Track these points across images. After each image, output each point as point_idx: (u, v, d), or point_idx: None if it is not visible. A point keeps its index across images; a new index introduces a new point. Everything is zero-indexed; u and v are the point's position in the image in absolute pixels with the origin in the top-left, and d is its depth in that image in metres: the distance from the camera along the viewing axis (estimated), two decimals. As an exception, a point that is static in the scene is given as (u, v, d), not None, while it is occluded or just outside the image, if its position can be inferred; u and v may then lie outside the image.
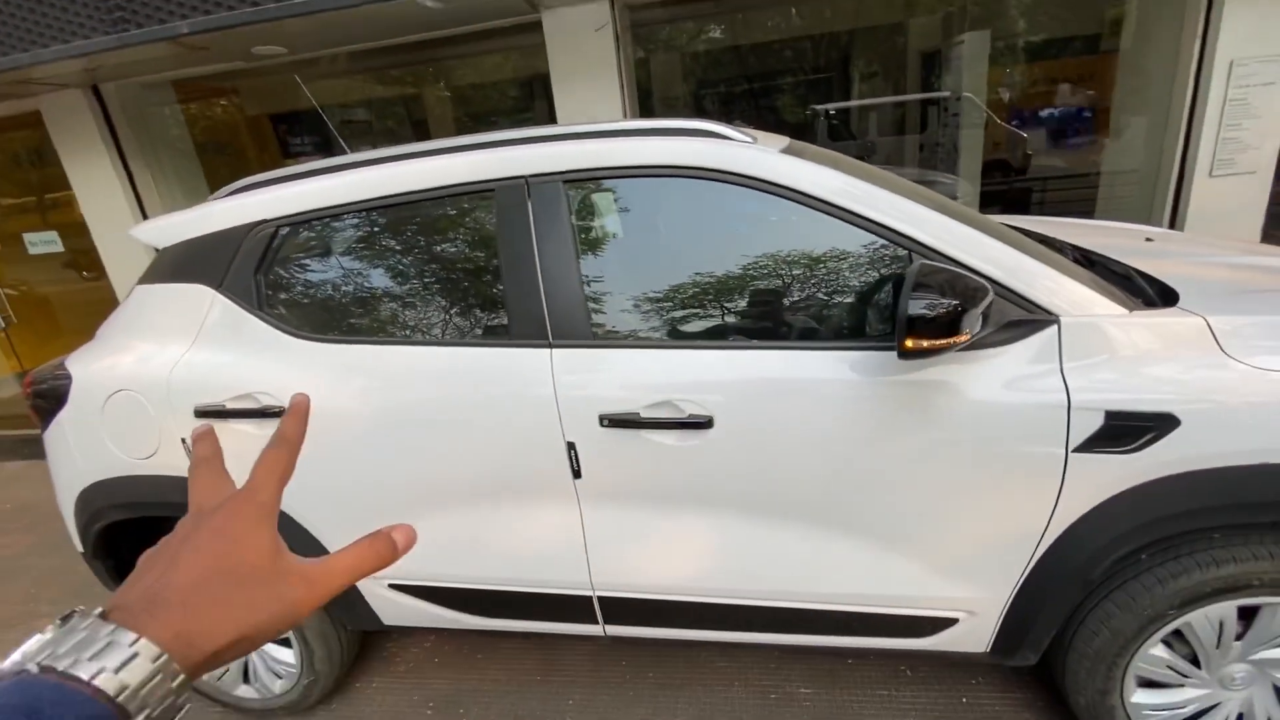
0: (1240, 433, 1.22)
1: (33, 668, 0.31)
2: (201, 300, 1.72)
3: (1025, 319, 1.32)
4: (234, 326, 1.70)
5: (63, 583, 3.04)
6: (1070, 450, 1.29)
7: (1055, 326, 1.30)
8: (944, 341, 1.17)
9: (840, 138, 6.48)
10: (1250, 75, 3.02)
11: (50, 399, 1.86)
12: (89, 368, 1.80)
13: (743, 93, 6.76)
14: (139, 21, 2.98)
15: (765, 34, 6.31)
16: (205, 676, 1.97)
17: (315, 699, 2.02)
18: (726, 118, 6.66)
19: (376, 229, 1.66)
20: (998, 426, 1.32)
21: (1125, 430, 1.26)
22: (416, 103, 6.32)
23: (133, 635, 0.32)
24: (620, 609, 1.68)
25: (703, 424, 1.43)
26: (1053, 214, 5.24)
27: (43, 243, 4.76)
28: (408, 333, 1.63)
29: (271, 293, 1.70)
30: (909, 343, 1.17)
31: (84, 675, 0.31)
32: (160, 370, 1.71)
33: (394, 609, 1.83)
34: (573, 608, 1.70)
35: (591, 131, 1.56)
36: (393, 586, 1.78)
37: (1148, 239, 2.03)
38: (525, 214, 1.53)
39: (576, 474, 1.54)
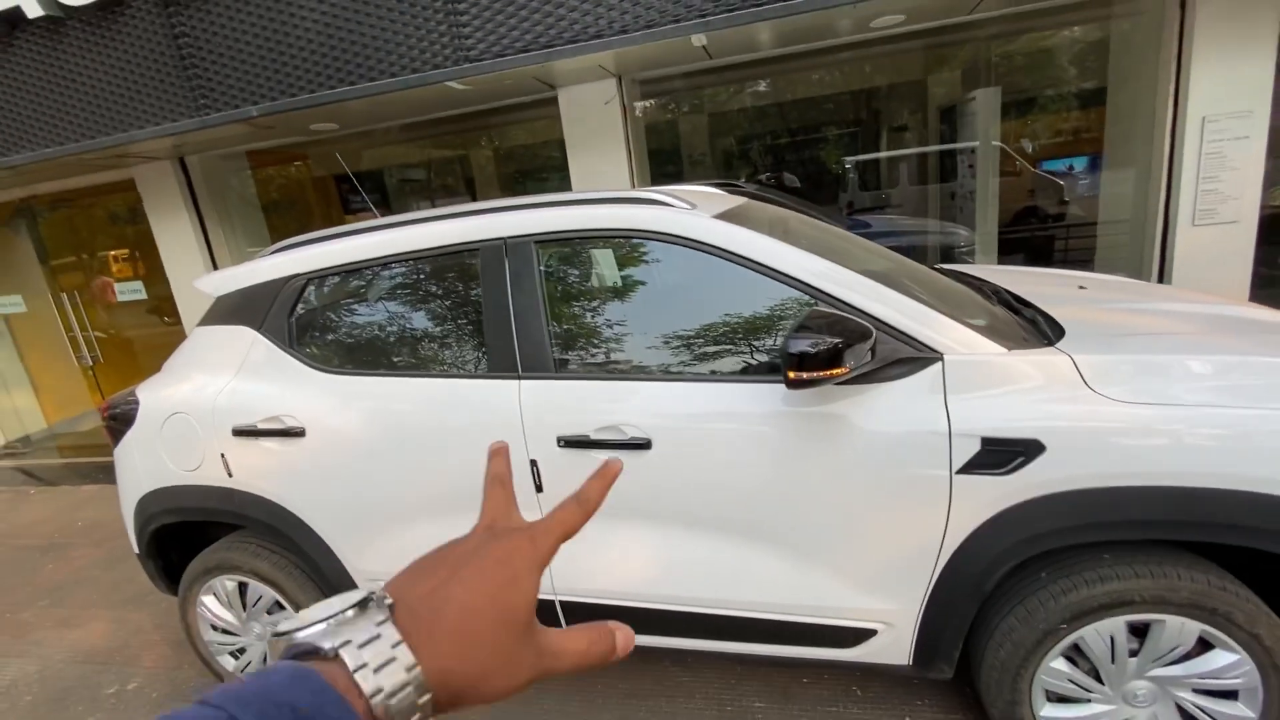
0: (1099, 457, 1.38)
1: (326, 645, 0.33)
2: (245, 339, 2.09)
3: (913, 356, 1.52)
4: (269, 361, 2.05)
5: (121, 590, 3.41)
6: (954, 472, 1.47)
7: (940, 363, 1.50)
8: (824, 374, 1.39)
9: (868, 189, 6.74)
10: (1223, 130, 3.16)
11: (122, 421, 2.24)
12: (154, 394, 2.18)
13: (769, 148, 7.13)
14: (217, 107, 3.54)
15: (782, 94, 6.68)
16: (232, 665, 2.24)
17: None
18: (750, 173, 7.01)
19: (383, 281, 2.00)
20: (891, 451, 1.51)
21: (999, 455, 1.44)
22: (463, 163, 6.95)
23: (411, 660, 0.33)
24: (580, 612, 1.88)
25: (642, 445, 1.67)
26: (1059, 262, 5.31)
27: (130, 291, 5.42)
28: (405, 366, 1.94)
29: (299, 333, 2.05)
30: (792, 374, 1.39)
31: (351, 664, 0.32)
32: (208, 397, 2.07)
33: (389, 610, 2.08)
34: (538, 612, 1.91)
35: (559, 201, 1.87)
36: (388, 588, 2.04)
37: (1080, 286, 2.19)
38: (503, 269, 1.84)
39: (539, 488, 1.79)
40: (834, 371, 1.39)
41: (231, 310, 2.14)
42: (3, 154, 3.99)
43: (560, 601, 1.88)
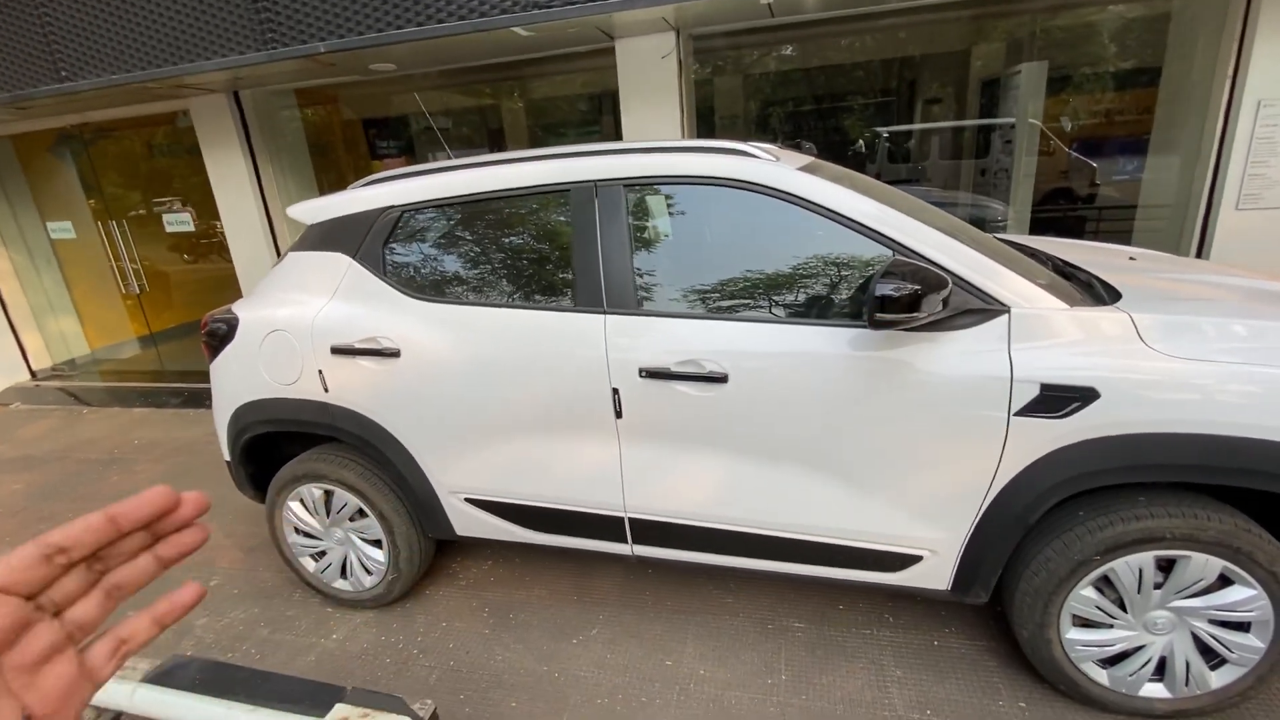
0: (1148, 406, 1.52)
1: None
2: (340, 265, 2.23)
3: (982, 308, 1.65)
4: (364, 287, 2.20)
5: (189, 502, 3.64)
6: (1011, 414, 1.62)
7: (1006, 315, 1.64)
8: (905, 316, 1.52)
9: (897, 160, 6.73)
10: (1277, 115, 3.20)
11: (219, 337, 2.40)
12: (252, 313, 2.34)
13: (805, 113, 7.09)
14: (284, 41, 3.61)
15: (826, 58, 6.63)
16: (312, 566, 2.47)
17: (396, 595, 2.49)
18: (790, 137, 7.00)
19: (476, 216, 2.13)
20: (954, 394, 1.65)
21: (1056, 400, 1.58)
22: (494, 113, 6.96)
23: None
24: (647, 531, 2.07)
25: (719, 379, 1.82)
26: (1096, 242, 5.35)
27: (179, 222, 5.56)
28: (495, 297, 2.08)
29: (394, 262, 2.19)
30: (877, 315, 1.53)
31: None
32: (307, 317, 2.22)
33: (468, 520, 2.28)
34: (609, 527, 2.10)
35: (647, 147, 1.98)
36: (469, 500, 2.23)
37: (1130, 258, 2.30)
38: (593, 210, 1.96)
39: (619, 414, 1.95)
40: (914, 315, 1.53)
41: (326, 237, 2.28)
42: (70, 79, 4.08)
43: (630, 519, 2.06)
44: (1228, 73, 3.33)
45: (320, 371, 2.21)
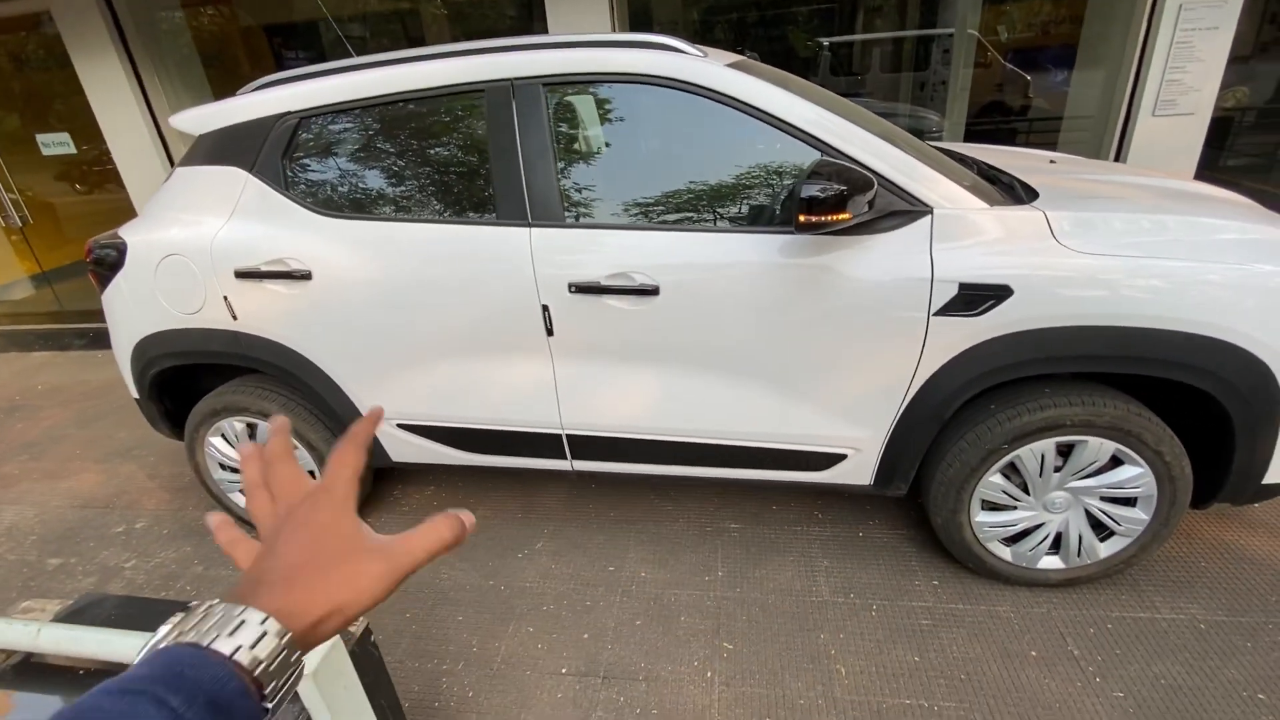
0: (1058, 301, 1.59)
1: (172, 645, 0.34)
2: (236, 181, 2.04)
3: (907, 209, 1.66)
4: (265, 204, 2.02)
5: (102, 446, 3.45)
6: (931, 314, 1.66)
7: (929, 216, 1.65)
8: (830, 218, 1.51)
9: (839, 73, 6.58)
10: (1197, 19, 3.25)
11: (107, 265, 2.19)
12: (142, 237, 2.13)
13: (745, 22, 6.78)
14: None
15: (762, -40, 6.29)
16: (243, 501, 2.40)
17: (334, 524, 2.45)
18: (730, 47, 6.70)
19: (384, 122, 1.96)
20: (878, 297, 1.68)
21: (973, 298, 1.62)
22: (414, 18, 6.36)
23: (262, 614, 0.36)
24: (584, 446, 2.08)
25: (650, 291, 1.79)
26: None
27: (55, 144, 4.96)
28: (411, 212, 1.95)
29: (295, 175, 2.01)
30: (801, 218, 1.51)
31: (225, 650, 0.34)
32: (204, 238, 2.04)
33: (402, 446, 2.23)
34: (547, 445, 2.10)
35: (567, 41, 1.84)
36: (401, 426, 2.18)
37: (1051, 160, 2.34)
38: (510, 112, 1.83)
39: (550, 332, 1.90)
40: (839, 216, 1.51)
41: (217, 150, 2.07)
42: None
43: (567, 435, 2.06)
44: (1153, -25, 3.33)
45: (226, 298, 2.06)
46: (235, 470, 2.41)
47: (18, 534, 2.79)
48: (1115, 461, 1.77)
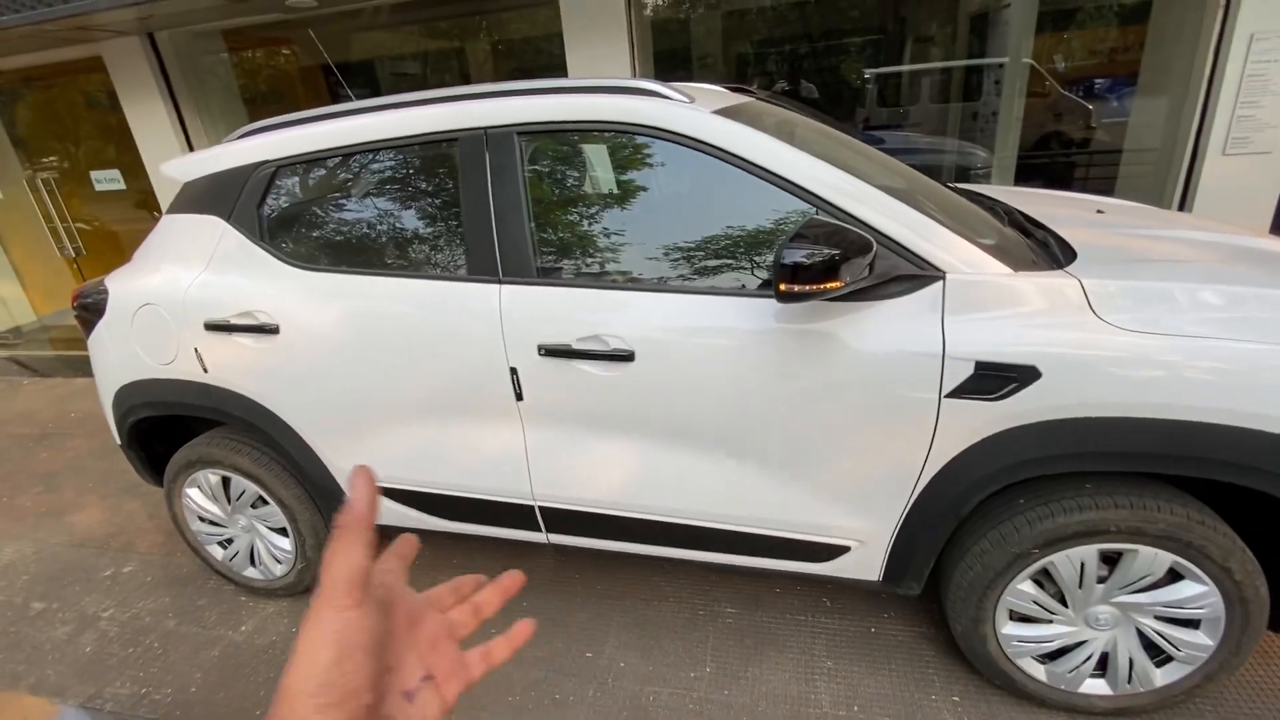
0: (1096, 386, 1.33)
1: None
2: (214, 230, 1.98)
3: (914, 274, 1.44)
4: (240, 253, 1.95)
5: (115, 480, 3.46)
6: (943, 396, 1.42)
7: (941, 282, 1.42)
8: (817, 287, 1.31)
9: (886, 104, 6.35)
10: (1271, 50, 2.92)
11: (92, 311, 2.17)
12: (123, 284, 2.10)
13: (778, 55, 6.66)
14: (183, -26, 3.23)
15: (798, -6, 6.17)
16: (220, 555, 2.31)
17: (309, 583, 2.33)
18: (765, 83, 6.59)
19: (357, 172, 1.87)
20: (882, 372, 1.45)
21: (992, 379, 1.38)
22: (462, 57, 6.49)
23: None
24: (559, 519, 1.90)
25: (624, 357, 1.61)
26: (1082, 190, 5.14)
27: (107, 180, 5.20)
28: (380, 264, 1.84)
29: (270, 225, 1.94)
30: (783, 286, 1.31)
31: None
32: (179, 288, 1.98)
33: (371, 509, 2.10)
34: (519, 516, 1.93)
35: (544, 88, 1.71)
36: (368, 488, 2.04)
37: (1099, 210, 2.07)
38: (483, 162, 1.71)
39: (519, 396, 1.74)
40: (828, 285, 1.31)
41: (200, 198, 2.02)
42: (-48, 20, 3.68)
43: (540, 507, 1.89)
44: (1219, 2, 3.02)
45: (196, 349, 1.99)
46: (213, 524, 2.32)
47: (13, 572, 2.79)
48: (1174, 575, 1.48)
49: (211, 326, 1.94)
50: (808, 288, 1.31)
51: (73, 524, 3.10)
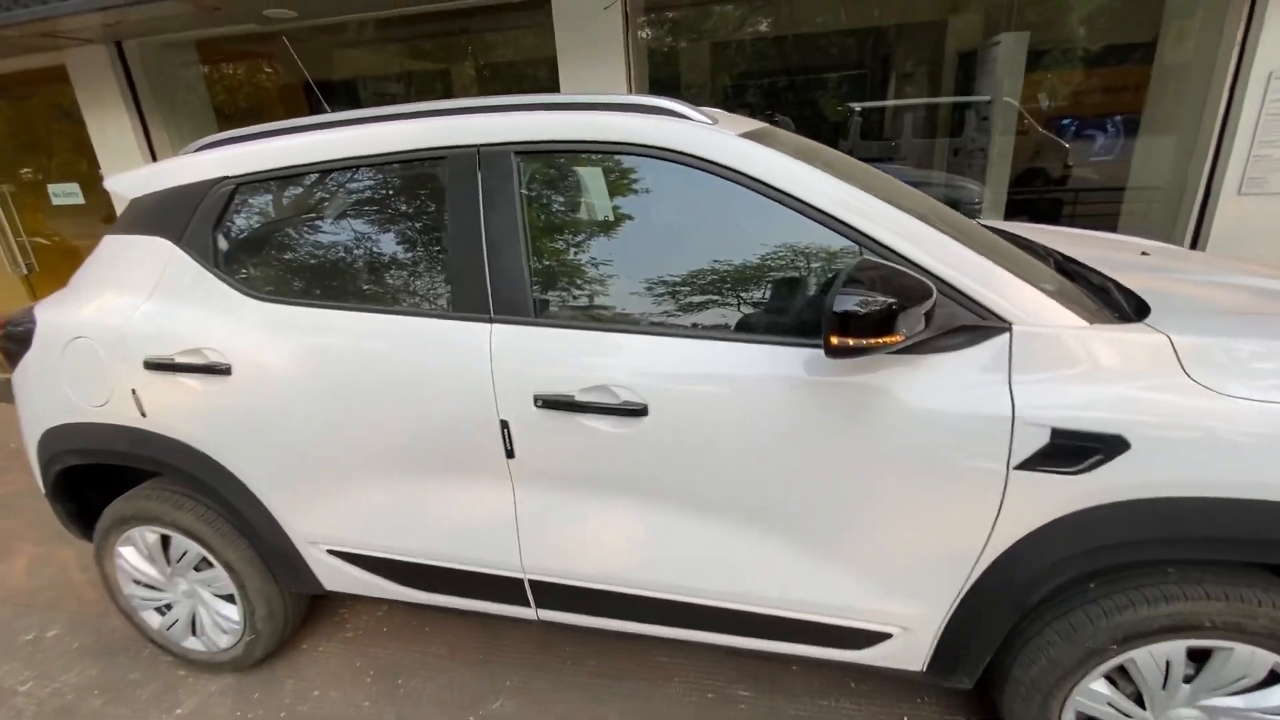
0: (1196, 462, 1.14)
1: None
2: (161, 253, 1.73)
3: (976, 324, 1.25)
4: (189, 281, 1.70)
5: (50, 522, 3.10)
6: (1012, 467, 1.22)
7: (1007, 335, 1.23)
8: (873, 341, 1.10)
9: (869, 138, 6.32)
10: (1290, 90, 2.85)
11: (18, 341, 1.89)
12: (54, 314, 1.83)
13: (774, 87, 6.62)
14: (151, -23, 3.02)
15: (790, 26, 6.16)
16: (157, 622, 1.99)
17: (258, 657, 2.03)
18: (750, 112, 6.53)
19: (329, 192, 1.64)
20: (938, 436, 1.25)
21: (1071, 450, 1.18)
22: (446, 78, 6.33)
23: None
24: (551, 593, 1.65)
25: (637, 411, 1.39)
26: (1078, 227, 5.07)
27: (65, 194, 4.88)
28: (353, 298, 1.61)
29: (227, 250, 1.70)
30: (834, 339, 1.10)
31: None
32: (116, 320, 1.72)
33: (334, 575, 1.83)
34: (505, 588, 1.68)
35: (547, 103, 1.51)
36: (331, 553, 1.78)
37: (1143, 253, 1.91)
38: (474, 184, 1.49)
39: (510, 453, 1.51)
40: (886, 340, 1.11)
41: (147, 217, 1.77)
42: (-102, 20, 3.41)
43: (530, 580, 1.64)
44: (1235, 41, 2.96)
45: (134, 391, 1.72)
46: (150, 587, 2.02)
47: (-82, 636, 2.43)
48: (1274, 677, 1.27)
49: (153, 365, 1.68)
50: (865, 341, 1.10)
51: (-3, 576, 2.75)
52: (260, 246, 1.69)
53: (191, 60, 4.61)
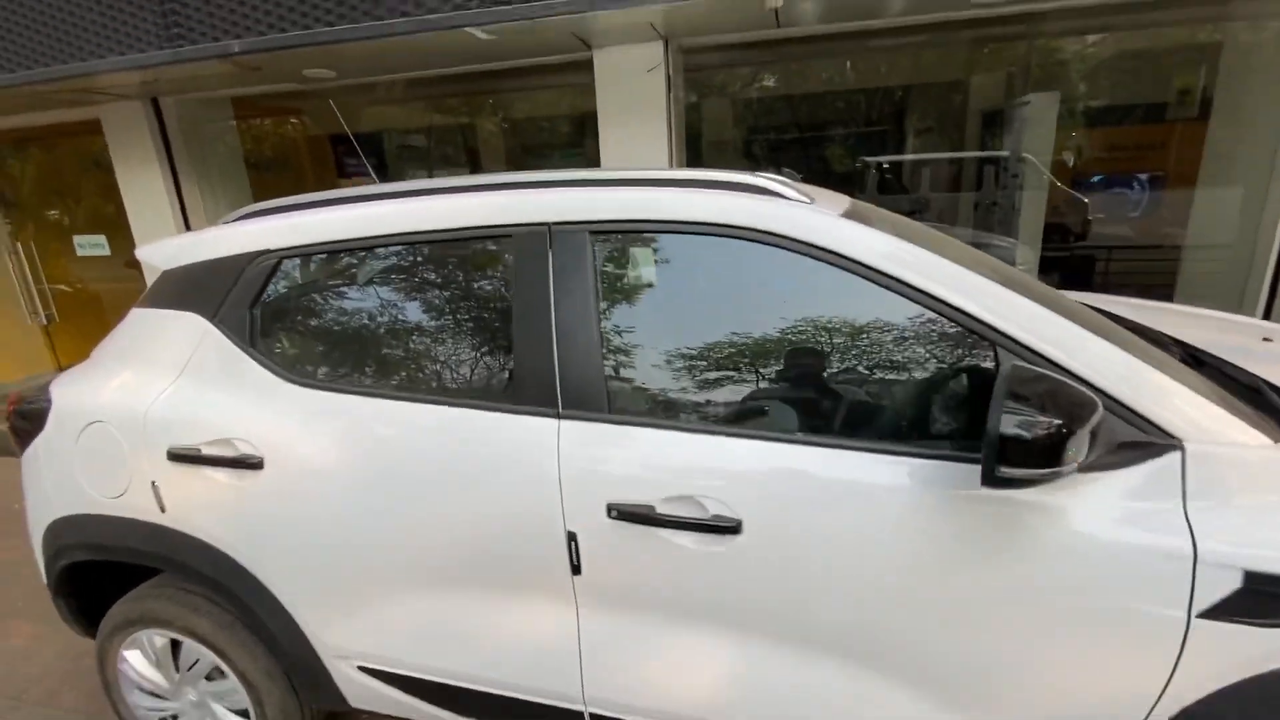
0: None
1: None
2: (193, 330, 1.59)
3: (1139, 441, 1.07)
4: (222, 362, 1.55)
5: (44, 598, 2.91)
6: (1194, 615, 1.02)
7: (1178, 454, 1.05)
8: (1044, 471, 0.92)
9: (890, 191, 6.30)
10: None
11: (31, 420, 1.74)
12: (71, 393, 1.68)
13: (792, 141, 6.65)
14: (194, 39, 3.00)
15: (819, 84, 6.20)
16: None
17: (271, 779, 1.80)
18: (775, 165, 6.53)
19: (378, 269, 1.51)
20: (1098, 572, 1.05)
21: (1271, 597, 0.98)
22: (471, 132, 6.39)
23: None
24: (616, 730, 1.43)
25: (729, 528, 1.20)
26: (1119, 289, 4.93)
27: (90, 245, 4.85)
28: (403, 386, 1.45)
29: (266, 330, 1.55)
30: (1005, 471, 0.93)
31: None
32: (139, 403, 1.57)
33: (363, 692, 1.61)
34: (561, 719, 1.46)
35: (627, 179, 1.38)
36: (363, 669, 1.57)
37: (1265, 339, 1.74)
38: (545, 265, 1.35)
39: (576, 569, 1.32)
40: (1060, 469, 0.93)
41: (179, 291, 1.64)
42: (-57, 77, 3.41)
43: (591, 715, 1.42)
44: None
45: (154, 483, 1.55)
46: (155, 695, 1.81)
47: (-105, 735, 2.21)
48: None
49: (177, 456, 1.52)
50: (1032, 472, 0.92)
51: (-11, 656, 2.54)
52: (302, 327, 1.55)
53: (227, 116, 4.63)
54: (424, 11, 2.68)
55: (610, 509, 1.26)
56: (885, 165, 6.38)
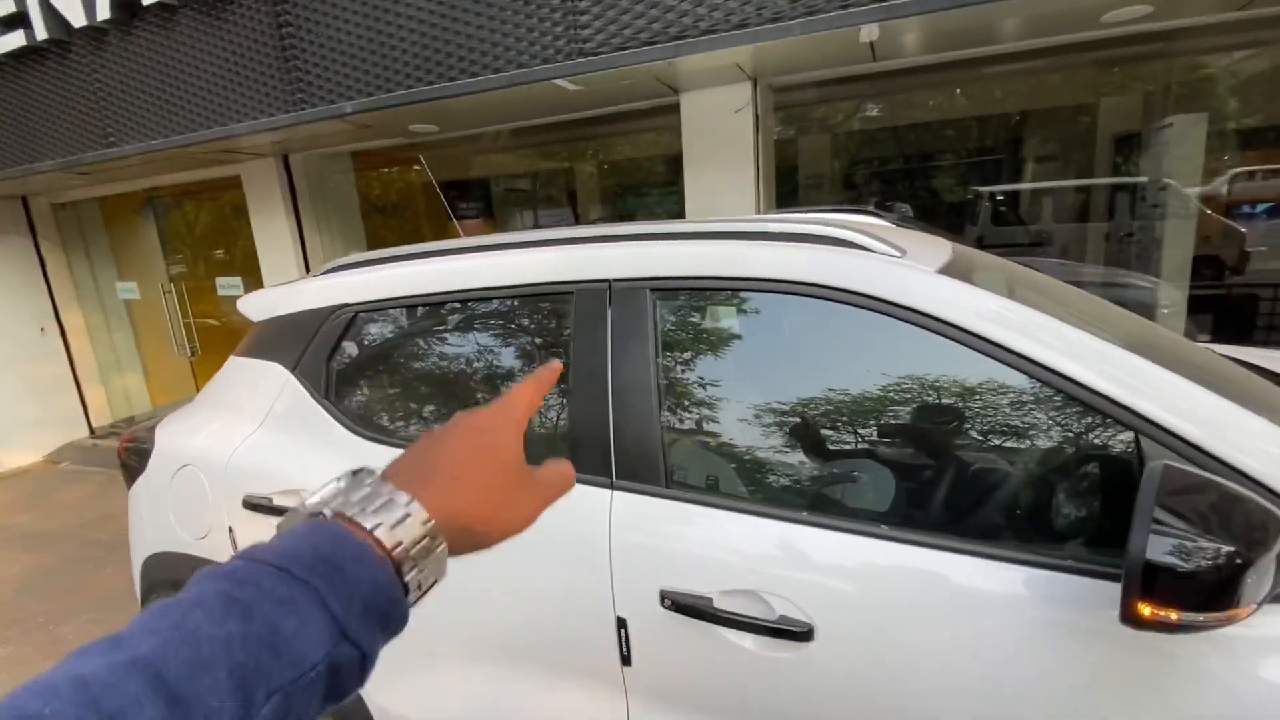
0: None
1: (327, 512, 0.37)
2: (276, 381, 1.65)
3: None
4: (300, 413, 1.59)
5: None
6: None
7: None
8: (1209, 617, 0.71)
9: (1006, 223, 5.82)
10: None
11: (139, 457, 1.87)
12: (170, 436, 1.79)
13: (897, 171, 6.34)
14: (313, 102, 3.27)
15: (925, 113, 5.89)
16: None
17: (326, 834, 1.78)
18: (880, 197, 6.22)
19: (447, 326, 1.49)
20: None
21: None
22: (571, 175, 6.63)
23: (407, 497, 0.37)
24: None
25: (798, 633, 1.04)
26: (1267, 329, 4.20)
27: (229, 286, 5.39)
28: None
29: (340, 382, 1.58)
30: (1145, 609, 0.72)
31: (367, 525, 0.36)
32: (224, 449, 1.64)
33: (410, 759, 1.55)
34: None
35: (688, 232, 1.29)
36: (411, 736, 1.51)
37: None
38: (603, 323, 1.27)
39: (625, 659, 1.19)
40: (1230, 614, 0.71)
41: (268, 340, 1.72)
42: (116, 143, 3.94)
43: (642, 823, 1.27)
44: None
45: (231, 530, 1.60)
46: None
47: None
48: None
49: (251, 504, 1.56)
50: (1191, 617, 0.71)
51: (117, 622, 2.74)
52: (372, 380, 1.56)
53: (346, 168, 5.04)
54: (514, 68, 2.76)
55: (664, 597, 1.13)
56: (1000, 195, 5.93)
